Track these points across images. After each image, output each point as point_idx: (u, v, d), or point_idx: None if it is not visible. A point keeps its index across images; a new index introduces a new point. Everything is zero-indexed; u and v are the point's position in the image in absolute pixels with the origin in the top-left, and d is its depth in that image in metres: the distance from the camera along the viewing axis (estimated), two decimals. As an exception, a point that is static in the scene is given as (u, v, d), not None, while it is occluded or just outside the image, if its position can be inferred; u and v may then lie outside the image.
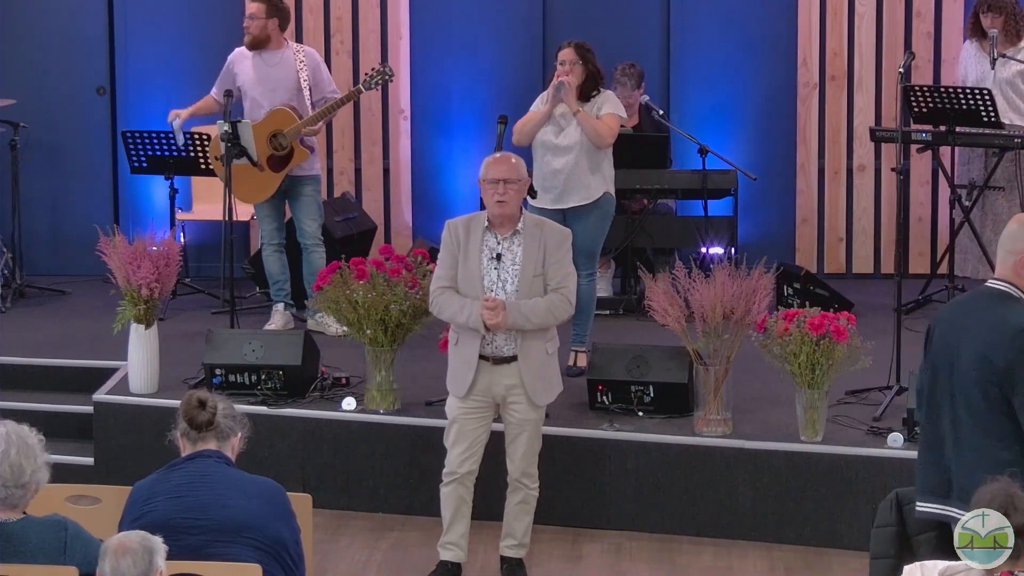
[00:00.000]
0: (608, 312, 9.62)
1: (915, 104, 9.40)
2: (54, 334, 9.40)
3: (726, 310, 7.39)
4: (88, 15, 10.98)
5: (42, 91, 10.94)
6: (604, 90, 8.43)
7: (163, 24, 10.93)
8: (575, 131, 8.27)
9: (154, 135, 10.16)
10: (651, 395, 7.83)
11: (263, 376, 8.08)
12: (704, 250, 9.74)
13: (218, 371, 8.14)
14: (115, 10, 10.97)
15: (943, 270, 9.68)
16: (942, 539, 5.34)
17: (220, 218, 8.75)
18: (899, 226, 8.18)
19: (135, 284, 8.00)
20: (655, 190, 9.88)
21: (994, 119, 9.26)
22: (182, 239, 10.23)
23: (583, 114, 8.26)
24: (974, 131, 9.36)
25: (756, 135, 10.81)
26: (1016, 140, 9.33)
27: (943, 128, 9.37)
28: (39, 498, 5.08)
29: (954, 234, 9.62)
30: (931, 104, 9.35)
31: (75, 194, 11.07)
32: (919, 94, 9.39)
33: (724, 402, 7.51)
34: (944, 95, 9.32)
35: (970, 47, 9.82)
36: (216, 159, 9.16)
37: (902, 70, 8.16)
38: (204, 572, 4.98)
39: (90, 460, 8.12)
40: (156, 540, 4.60)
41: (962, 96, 9.28)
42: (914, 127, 9.62)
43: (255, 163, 9.10)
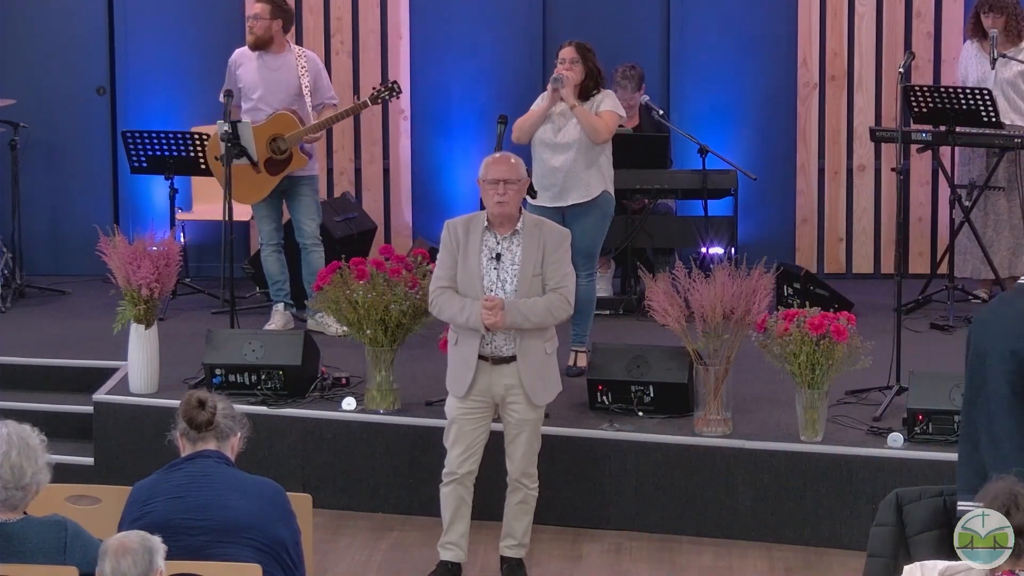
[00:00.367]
0: (608, 312, 9.62)
1: (915, 104, 9.40)
2: (54, 334, 9.39)
3: (726, 310, 7.39)
4: (88, 15, 10.97)
5: (42, 91, 10.92)
6: (604, 89, 8.44)
7: (163, 24, 10.92)
8: (574, 129, 8.27)
9: (154, 135, 10.14)
10: (651, 395, 7.83)
11: (263, 376, 8.08)
12: (704, 250, 9.73)
13: (218, 371, 8.13)
14: (115, 10, 10.96)
15: (943, 270, 9.67)
16: (942, 539, 5.34)
17: (220, 218, 8.74)
18: (899, 226, 8.18)
19: (135, 284, 8.00)
20: (655, 190, 9.88)
21: (994, 119, 9.26)
22: (182, 239, 10.21)
23: (580, 109, 8.26)
24: (974, 131, 9.36)
25: (756, 135, 10.80)
26: (1016, 140, 9.33)
27: (943, 128, 9.37)
28: (39, 498, 5.07)
29: (954, 234, 9.61)
30: (931, 104, 9.35)
31: (75, 194, 11.06)
32: (919, 94, 9.39)
33: (724, 402, 7.50)
34: (944, 95, 9.31)
35: (971, 47, 9.81)
36: (216, 159, 9.14)
37: (902, 70, 8.16)
38: (204, 572, 4.98)
39: (90, 460, 8.12)
40: (156, 540, 4.60)
41: (962, 96, 9.28)
42: (914, 127, 9.62)
43: (255, 163, 9.10)
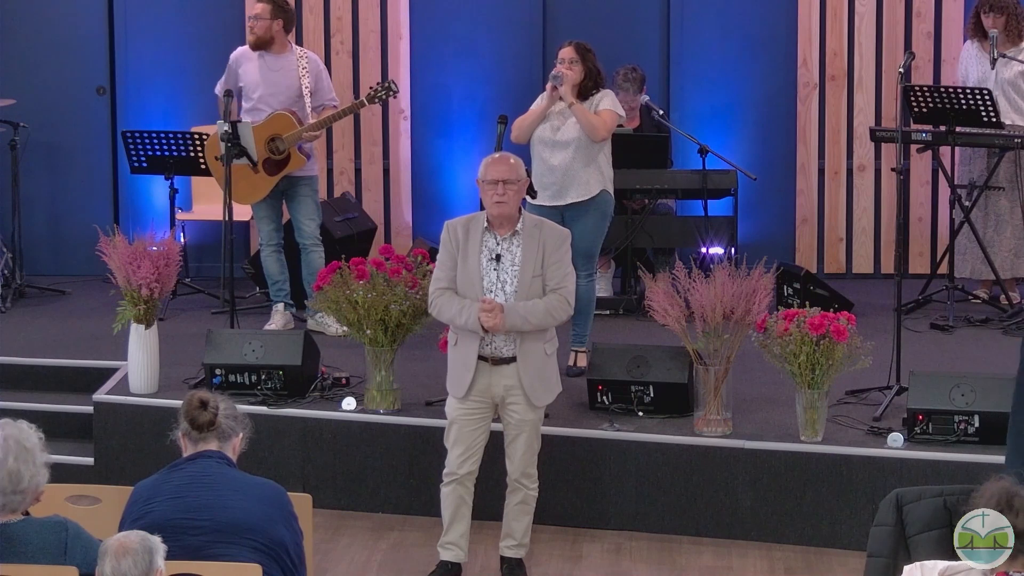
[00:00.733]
0: (608, 312, 9.62)
1: (915, 104, 9.40)
2: (54, 334, 9.39)
3: (726, 310, 7.39)
4: (88, 15, 10.97)
5: (42, 91, 10.93)
6: (604, 89, 8.43)
7: (163, 24, 10.93)
8: (573, 127, 8.27)
9: (154, 135, 10.15)
10: (651, 395, 7.83)
11: (263, 376, 8.08)
12: (704, 250, 9.73)
13: (218, 371, 8.13)
14: (115, 10, 10.96)
15: (943, 270, 9.67)
16: (942, 539, 5.34)
17: (220, 218, 8.74)
18: (899, 226, 8.17)
19: (135, 284, 8.00)
20: (655, 190, 9.88)
21: (994, 119, 9.26)
22: (182, 239, 10.21)
23: (579, 107, 8.25)
24: (974, 131, 9.36)
25: (756, 135, 10.81)
26: (1016, 140, 9.33)
27: (943, 128, 9.37)
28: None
29: (954, 234, 9.61)
30: (931, 104, 9.35)
31: (75, 194, 11.06)
32: (919, 94, 9.39)
33: (724, 402, 7.50)
34: (944, 95, 9.32)
35: (971, 47, 9.81)
36: (216, 159, 9.13)
37: (902, 70, 8.16)
38: (204, 572, 4.98)
39: (90, 460, 8.12)
40: (156, 540, 4.60)
41: (962, 96, 9.28)
42: (914, 127, 9.62)
43: (255, 163, 9.10)
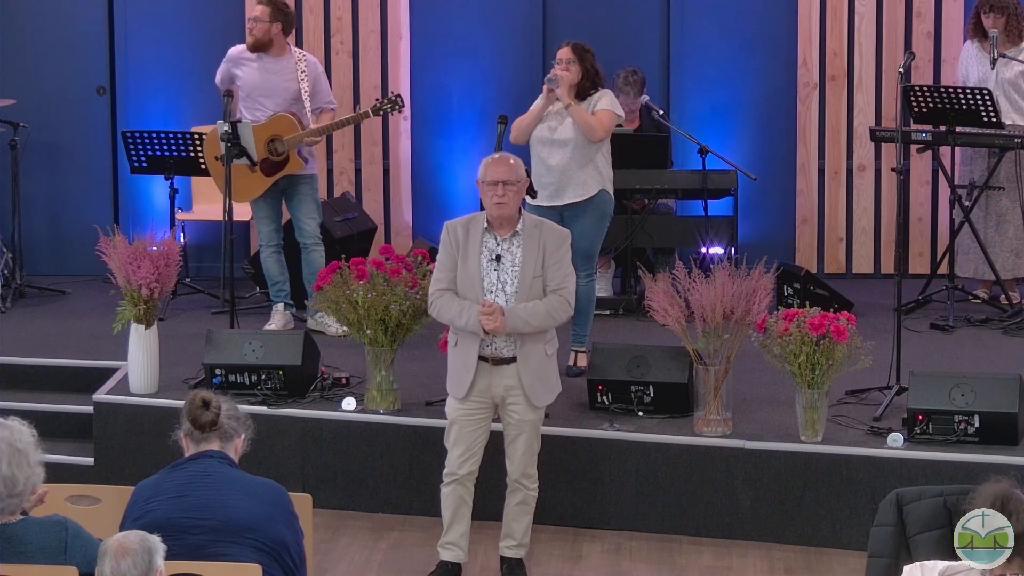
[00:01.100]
0: (608, 312, 9.62)
1: (915, 104, 9.40)
2: (54, 334, 9.39)
3: (726, 310, 7.39)
4: (88, 15, 10.97)
5: (42, 91, 10.92)
6: (603, 88, 8.42)
7: (163, 24, 10.92)
8: (570, 127, 8.26)
9: (154, 135, 10.15)
10: (651, 395, 7.83)
11: (263, 376, 8.08)
12: (704, 250, 9.73)
13: (218, 371, 8.13)
14: (115, 10, 10.95)
15: (943, 270, 9.67)
16: (942, 539, 5.35)
17: (220, 218, 8.73)
18: (899, 226, 8.17)
19: (135, 284, 8.00)
20: (655, 190, 9.87)
21: (994, 119, 9.26)
22: (182, 239, 10.22)
23: (576, 108, 8.24)
24: (974, 131, 9.36)
25: (756, 135, 10.80)
26: (1016, 140, 9.33)
27: (943, 128, 9.37)
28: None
29: (954, 234, 9.61)
30: (931, 104, 9.35)
31: (75, 194, 11.06)
32: (919, 94, 9.39)
33: (724, 402, 7.50)
34: (944, 95, 9.31)
35: (971, 47, 9.81)
36: (217, 159, 9.12)
37: (902, 70, 8.15)
38: (204, 572, 4.98)
39: (90, 460, 8.11)
40: (155, 540, 4.60)
41: (962, 96, 9.28)
42: (914, 127, 9.62)
43: (255, 163, 9.09)
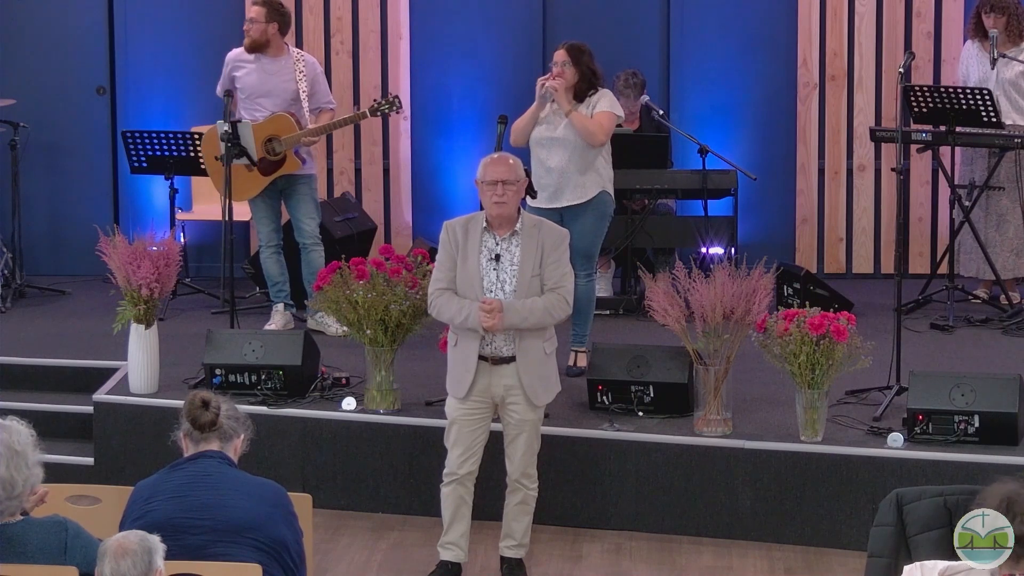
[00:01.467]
0: (608, 312, 9.62)
1: (915, 104, 9.40)
2: (54, 334, 9.39)
3: (726, 310, 7.39)
4: (88, 15, 10.97)
5: (42, 91, 10.92)
6: (602, 88, 8.40)
7: (163, 24, 10.92)
8: (570, 128, 8.25)
9: (154, 135, 10.15)
10: (651, 395, 7.83)
11: (263, 376, 8.08)
12: (704, 250, 9.73)
13: (218, 371, 8.13)
14: (115, 10, 10.96)
15: (943, 270, 9.67)
16: (942, 539, 5.35)
17: (220, 218, 8.74)
18: (899, 226, 8.17)
19: (135, 284, 8.00)
20: (655, 190, 9.87)
21: (994, 119, 9.26)
22: (182, 239, 10.22)
23: (575, 115, 8.23)
24: (974, 131, 9.36)
25: (756, 135, 10.80)
26: (1016, 140, 9.33)
27: (943, 128, 9.37)
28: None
29: (954, 234, 9.61)
30: (931, 104, 9.35)
31: (75, 194, 11.06)
32: (919, 94, 9.39)
33: (724, 402, 7.50)
34: (944, 95, 9.31)
35: (971, 47, 9.81)
36: (217, 159, 9.11)
37: (902, 70, 8.15)
38: (204, 572, 4.98)
39: (90, 460, 8.12)
40: (155, 540, 4.59)
41: (962, 96, 9.28)
42: (914, 127, 9.62)
43: (254, 163, 9.09)
